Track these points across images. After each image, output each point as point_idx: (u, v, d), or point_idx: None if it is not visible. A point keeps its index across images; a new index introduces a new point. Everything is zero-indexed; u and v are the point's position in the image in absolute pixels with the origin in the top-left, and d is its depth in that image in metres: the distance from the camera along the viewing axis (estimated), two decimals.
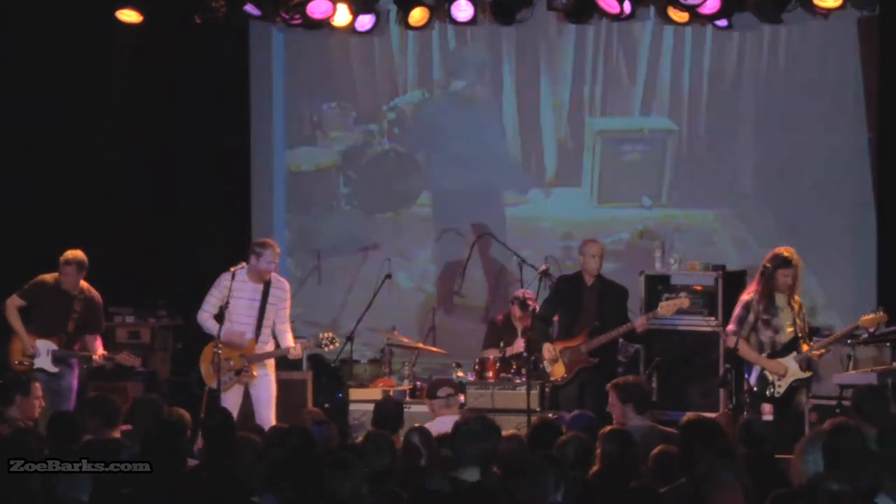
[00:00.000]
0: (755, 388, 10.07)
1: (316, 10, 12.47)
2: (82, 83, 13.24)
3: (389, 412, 9.10)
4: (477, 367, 11.52)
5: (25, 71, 13.12)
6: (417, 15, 12.81)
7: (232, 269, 10.49)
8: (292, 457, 6.69)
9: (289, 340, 10.68)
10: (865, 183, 12.72)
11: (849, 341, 11.12)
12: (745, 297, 10.23)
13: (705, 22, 12.61)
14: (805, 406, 10.32)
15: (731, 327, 10.23)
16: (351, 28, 12.99)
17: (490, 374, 11.41)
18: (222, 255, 10.75)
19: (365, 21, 12.97)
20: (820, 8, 12.03)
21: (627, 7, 12.13)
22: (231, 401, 10.39)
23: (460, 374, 11.74)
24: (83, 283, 11.00)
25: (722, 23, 12.58)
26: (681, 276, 11.70)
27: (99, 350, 11.01)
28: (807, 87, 12.99)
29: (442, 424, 9.05)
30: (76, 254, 10.92)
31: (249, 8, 12.57)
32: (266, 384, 10.65)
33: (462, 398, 11.18)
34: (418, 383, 11.74)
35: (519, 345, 11.51)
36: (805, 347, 10.09)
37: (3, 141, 13.18)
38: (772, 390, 10.04)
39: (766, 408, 10.08)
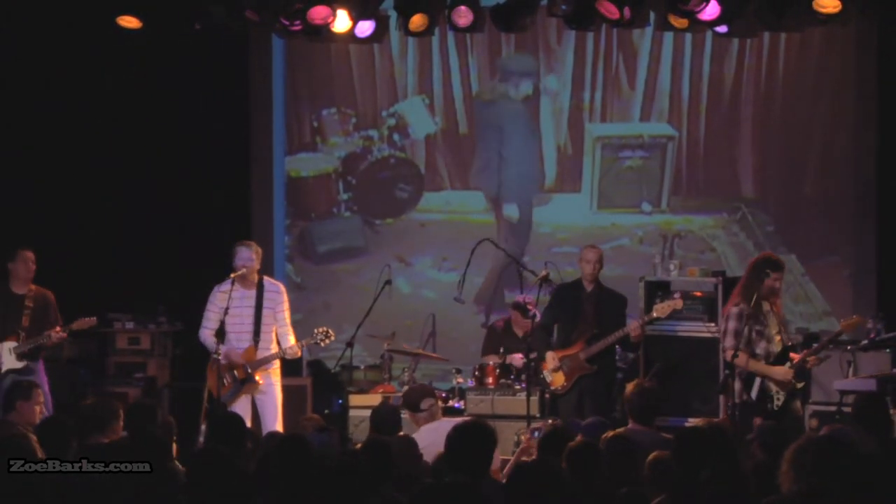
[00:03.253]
0: (754, 400, 9.86)
1: (316, 15, 12.48)
2: (83, 88, 13.28)
3: (387, 418, 9.09)
4: (477, 373, 11.52)
5: (26, 74, 13.15)
6: (418, 21, 12.82)
7: (231, 276, 10.46)
8: (288, 464, 6.67)
9: (290, 342, 10.52)
10: (865, 188, 12.73)
11: (849, 347, 11.09)
12: (734, 308, 9.87)
13: (705, 28, 12.63)
14: (802, 412, 10.26)
15: (730, 342, 9.81)
16: (351, 34, 13.00)
17: (490, 380, 11.41)
18: (222, 261, 10.72)
19: (365, 27, 12.98)
20: (819, 14, 12.04)
21: (627, 13, 12.13)
22: (240, 411, 10.24)
23: (460, 380, 11.72)
24: (33, 286, 11.11)
25: (721, 29, 12.59)
26: (680, 282, 11.68)
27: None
28: (806, 92, 13.01)
29: (426, 435, 8.99)
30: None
31: (249, 14, 12.58)
32: (272, 394, 10.51)
33: (457, 404, 11.21)
34: None
35: (518, 358, 11.47)
36: (795, 357, 9.84)
37: (3, 141, 13.21)
38: (771, 404, 9.85)
39: (759, 421, 9.90)
